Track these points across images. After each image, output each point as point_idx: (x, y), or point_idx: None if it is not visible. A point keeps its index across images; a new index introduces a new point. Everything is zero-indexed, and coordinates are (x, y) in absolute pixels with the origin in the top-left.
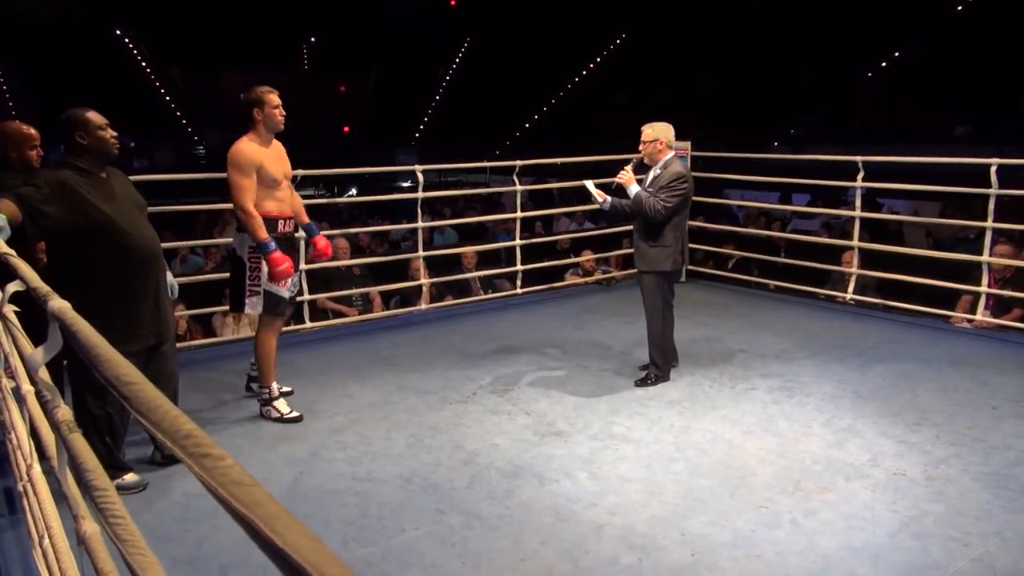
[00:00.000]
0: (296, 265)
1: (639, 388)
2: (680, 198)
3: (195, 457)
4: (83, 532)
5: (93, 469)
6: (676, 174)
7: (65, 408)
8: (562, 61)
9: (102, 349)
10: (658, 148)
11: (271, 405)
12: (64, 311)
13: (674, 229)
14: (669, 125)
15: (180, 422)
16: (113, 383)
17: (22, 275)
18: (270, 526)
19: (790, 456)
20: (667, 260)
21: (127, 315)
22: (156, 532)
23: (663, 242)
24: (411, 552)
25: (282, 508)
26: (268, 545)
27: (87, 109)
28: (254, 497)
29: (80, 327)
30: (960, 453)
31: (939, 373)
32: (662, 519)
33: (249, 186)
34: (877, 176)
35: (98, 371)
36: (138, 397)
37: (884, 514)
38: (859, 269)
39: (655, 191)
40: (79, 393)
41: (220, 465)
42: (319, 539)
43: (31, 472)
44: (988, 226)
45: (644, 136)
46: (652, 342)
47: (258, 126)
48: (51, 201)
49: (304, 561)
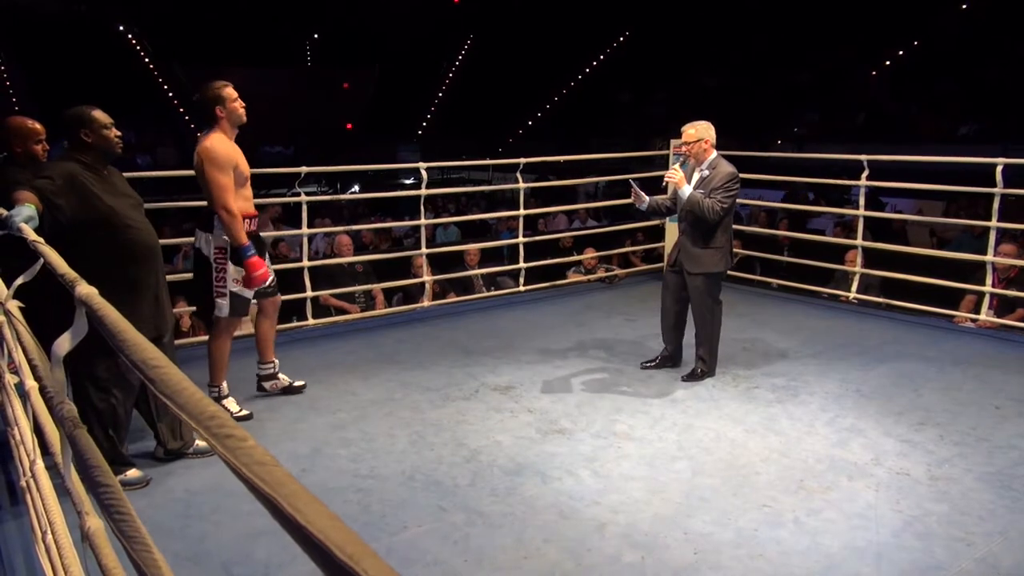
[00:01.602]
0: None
1: (683, 382)
2: (734, 198)
3: (219, 437)
4: (87, 528)
5: (98, 465)
6: (729, 174)
7: (70, 404)
8: (565, 58)
9: (129, 334)
10: (703, 147)
11: (220, 404)
12: (91, 297)
13: (724, 230)
14: (709, 124)
15: (204, 404)
16: (140, 367)
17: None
18: (292, 504)
19: (793, 455)
20: (720, 262)
21: (127, 308)
22: (158, 528)
23: (715, 243)
24: (413, 549)
25: (303, 487)
26: (290, 523)
27: (93, 107)
28: (276, 476)
29: (107, 312)
30: (964, 453)
31: (943, 373)
32: (665, 518)
33: (228, 184)
34: (881, 175)
35: (125, 355)
36: (164, 380)
37: (887, 514)
38: (863, 268)
39: (707, 192)
40: (81, 386)
41: (243, 445)
42: (339, 517)
43: (34, 468)
44: (993, 225)
45: (686, 136)
46: (702, 342)
47: (222, 123)
48: (63, 193)
49: (326, 539)
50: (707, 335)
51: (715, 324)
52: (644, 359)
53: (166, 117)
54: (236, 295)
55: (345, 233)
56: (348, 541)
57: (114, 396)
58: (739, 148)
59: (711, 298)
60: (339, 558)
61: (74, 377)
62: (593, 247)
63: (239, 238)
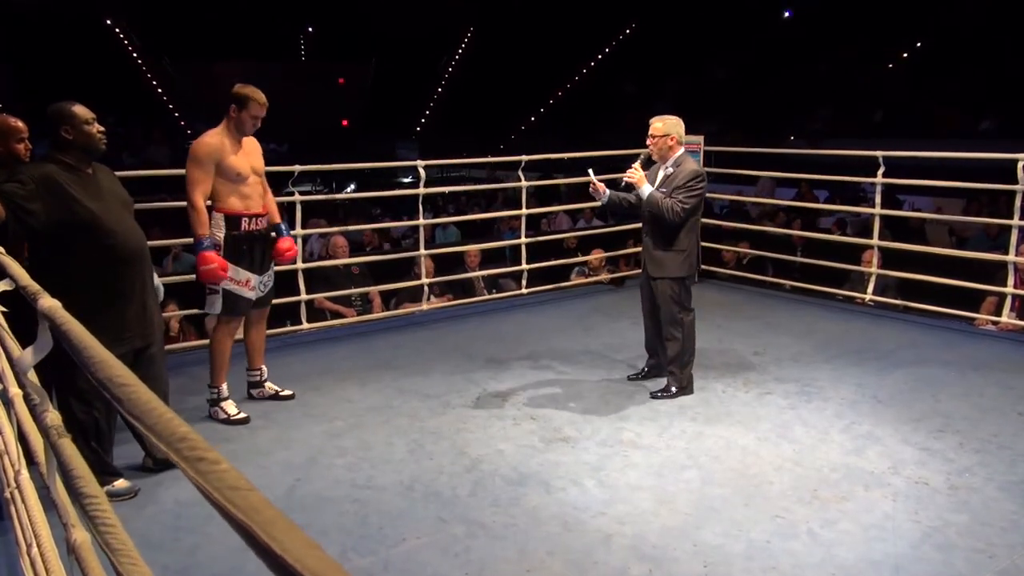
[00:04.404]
0: (266, 265)
1: (653, 398)
2: (698, 198)
3: (190, 461)
4: (73, 540)
5: (83, 475)
6: (693, 172)
7: (54, 412)
8: (569, 51)
9: (95, 350)
10: (669, 144)
11: (219, 406)
12: (55, 310)
13: (689, 232)
14: (680, 119)
15: (174, 425)
16: (106, 385)
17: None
18: (268, 532)
19: (807, 464)
20: (682, 265)
21: (112, 316)
22: (147, 540)
23: (678, 246)
24: (412, 562)
25: (280, 513)
26: (266, 552)
27: (73, 103)
28: (251, 502)
29: (71, 327)
30: (985, 461)
31: (963, 377)
32: (673, 529)
33: (201, 179)
34: (898, 172)
35: (90, 373)
36: (131, 399)
37: (905, 524)
38: (879, 269)
39: (669, 191)
40: (63, 398)
41: (216, 469)
42: (319, 546)
43: (19, 478)
44: (1015, 224)
45: (653, 130)
46: (671, 355)
47: (229, 123)
48: (35, 198)
49: (304, 568)
50: (675, 347)
51: (684, 335)
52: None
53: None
54: (230, 293)
55: (340, 234)
56: (328, 569)
57: (96, 408)
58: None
59: (677, 305)
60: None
61: (56, 388)
62: (601, 248)
63: (196, 230)
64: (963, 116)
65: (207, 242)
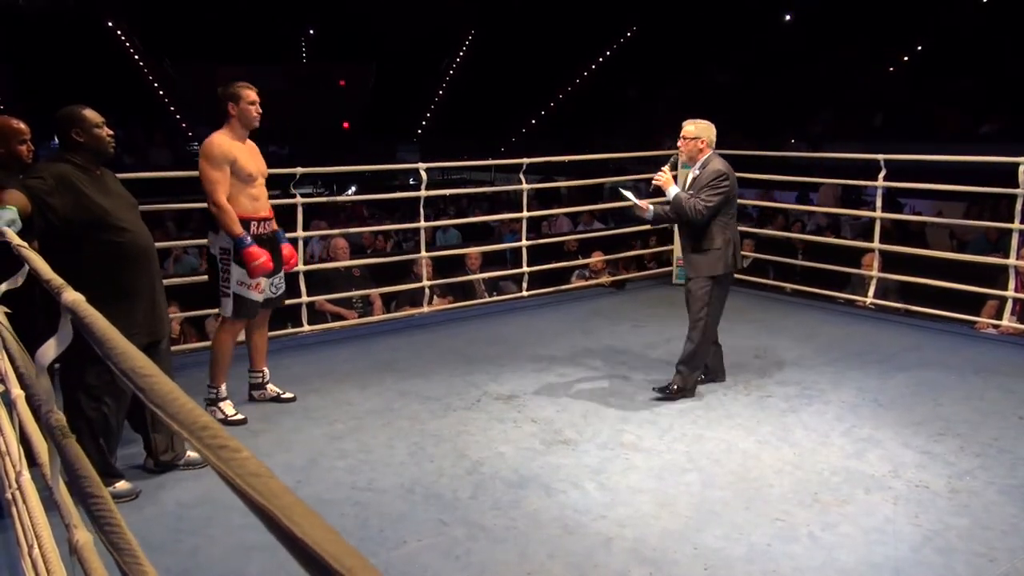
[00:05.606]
0: (277, 267)
1: (654, 397)
2: (722, 196)
3: (212, 448)
4: (75, 541)
5: (88, 476)
6: (716, 172)
7: (59, 413)
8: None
9: (118, 342)
10: (699, 147)
11: (216, 406)
12: (78, 303)
13: (723, 230)
14: (711, 124)
15: (196, 414)
16: (129, 376)
17: (35, 267)
18: (289, 517)
19: (808, 467)
20: (716, 264)
21: (121, 312)
22: (148, 542)
23: (712, 245)
24: (413, 565)
25: (299, 500)
26: (287, 535)
27: (84, 106)
28: (272, 488)
29: (94, 319)
30: (985, 464)
31: (963, 381)
32: (674, 532)
33: (221, 179)
34: (899, 175)
35: (113, 364)
36: (154, 389)
37: (906, 528)
38: (880, 272)
39: (695, 192)
40: (72, 394)
41: (237, 456)
42: (336, 531)
43: (20, 479)
44: (1016, 228)
45: (684, 132)
46: (684, 353)
47: (232, 121)
48: (55, 193)
49: (322, 551)
50: (690, 348)
51: (704, 338)
52: (653, 367)
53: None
54: (240, 296)
55: (341, 236)
56: (345, 554)
57: (106, 404)
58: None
59: (705, 305)
60: (336, 571)
61: (64, 385)
62: (602, 251)
63: (231, 230)
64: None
65: (248, 239)
